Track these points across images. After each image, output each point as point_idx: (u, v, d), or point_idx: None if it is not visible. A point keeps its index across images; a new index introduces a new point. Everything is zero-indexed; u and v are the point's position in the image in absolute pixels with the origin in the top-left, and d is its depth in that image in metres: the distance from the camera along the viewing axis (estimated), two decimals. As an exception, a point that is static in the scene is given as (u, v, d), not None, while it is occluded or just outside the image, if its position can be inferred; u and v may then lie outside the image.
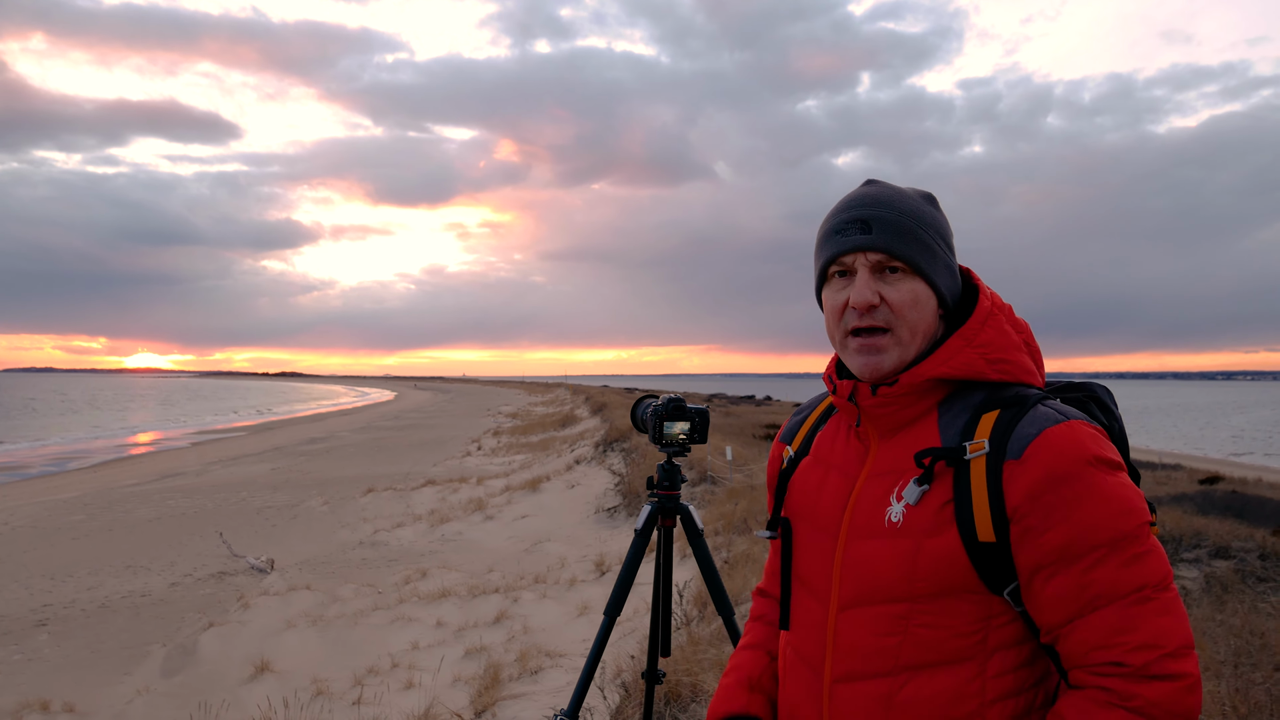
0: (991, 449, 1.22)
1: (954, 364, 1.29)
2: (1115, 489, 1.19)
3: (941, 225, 1.36)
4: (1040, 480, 1.18)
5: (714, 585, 2.78)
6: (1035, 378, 1.33)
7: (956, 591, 1.23)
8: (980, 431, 1.24)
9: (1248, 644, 4.44)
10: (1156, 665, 1.13)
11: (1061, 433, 1.20)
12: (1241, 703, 3.54)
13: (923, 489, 1.25)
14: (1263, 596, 5.84)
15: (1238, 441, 49.58)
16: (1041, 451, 1.19)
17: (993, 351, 1.30)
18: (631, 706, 4.16)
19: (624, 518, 11.72)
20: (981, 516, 1.21)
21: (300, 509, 14.93)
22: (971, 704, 1.22)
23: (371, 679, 6.34)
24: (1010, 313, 1.36)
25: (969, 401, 1.30)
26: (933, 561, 1.23)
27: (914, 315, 1.30)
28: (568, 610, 7.66)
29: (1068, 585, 1.17)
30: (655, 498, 2.81)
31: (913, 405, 1.32)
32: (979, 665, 1.23)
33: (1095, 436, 1.22)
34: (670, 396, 2.76)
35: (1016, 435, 1.21)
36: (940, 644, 1.23)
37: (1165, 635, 1.14)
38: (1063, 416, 1.23)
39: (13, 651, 7.59)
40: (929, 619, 1.24)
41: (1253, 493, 13.42)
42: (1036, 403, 1.25)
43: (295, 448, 27.86)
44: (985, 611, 1.23)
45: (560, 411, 39.42)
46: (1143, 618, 1.15)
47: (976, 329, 1.31)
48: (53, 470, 24.82)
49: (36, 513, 15.28)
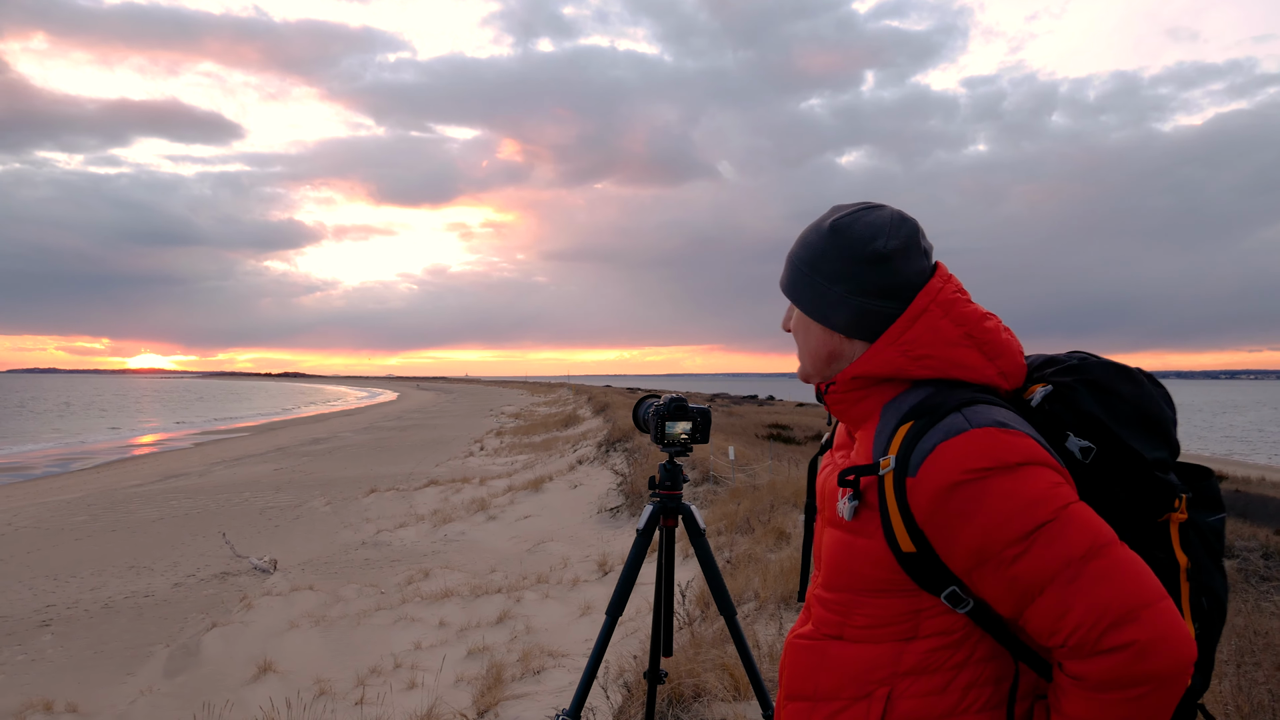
0: (896, 465, 1.26)
1: (874, 363, 1.35)
2: (1011, 488, 1.19)
3: (839, 263, 1.38)
4: (933, 496, 1.22)
5: (716, 585, 2.78)
6: (975, 372, 1.33)
7: (887, 590, 1.31)
8: (893, 446, 1.28)
9: (1251, 643, 4.43)
10: (1100, 640, 1.13)
11: (954, 445, 1.22)
12: (1245, 702, 3.54)
13: (853, 505, 1.32)
14: (1266, 596, 5.83)
15: (1239, 440, 49.49)
16: (931, 468, 1.22)
17: (916, 349, 1.32)
18: (634, 707, 4.16)
19: (626, 518, 11.72)
20: (899, 529, 1.26)
21: (303, 509, 14.95)
22: (884, 671, 1.31)
23: (374, 679, 6.34)
24: (954, 306, 1.34)
25: (904, 405, 1.34)
26: (863, 561, 1.32)
27: (801, 339, 1.48)
28: (570, 610, 7.66)
29: (998, 584, 1.21)
30: (657, 498, 2.81)
31: (860, 403, 1.40)
32: (903, 644, 1.31)
33: (993, 443, 1.21)
34: (672, 396, 2.76)
35: (917, 450, 1.25)
36: (872, 629, 1.33)
37: (1103, 607, 1.14)
38: (967, 425, 1.23)
39: (16, 652, 7.60)
40: (865, 610, 1.33)
41: (1255, 492, 13.41)
42: (950, 411, 1.26)
43: (298, 448, 27.89)
44: (916, 606, 1.30)
45: (563, 412, 39.42)
46: (1076, 595, 1.15)
47: (904, 327, 1.34)
48: (56, 471, 24.86)
49: (40, 513, 15.30)
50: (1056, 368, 1.38)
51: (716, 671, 4.21)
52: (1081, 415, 1.30)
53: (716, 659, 4.33)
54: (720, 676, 4.18)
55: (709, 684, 4.13)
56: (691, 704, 4.07)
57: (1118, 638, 1.12)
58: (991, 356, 1.34)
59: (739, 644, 2.77)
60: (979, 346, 1.34)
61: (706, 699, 4.08)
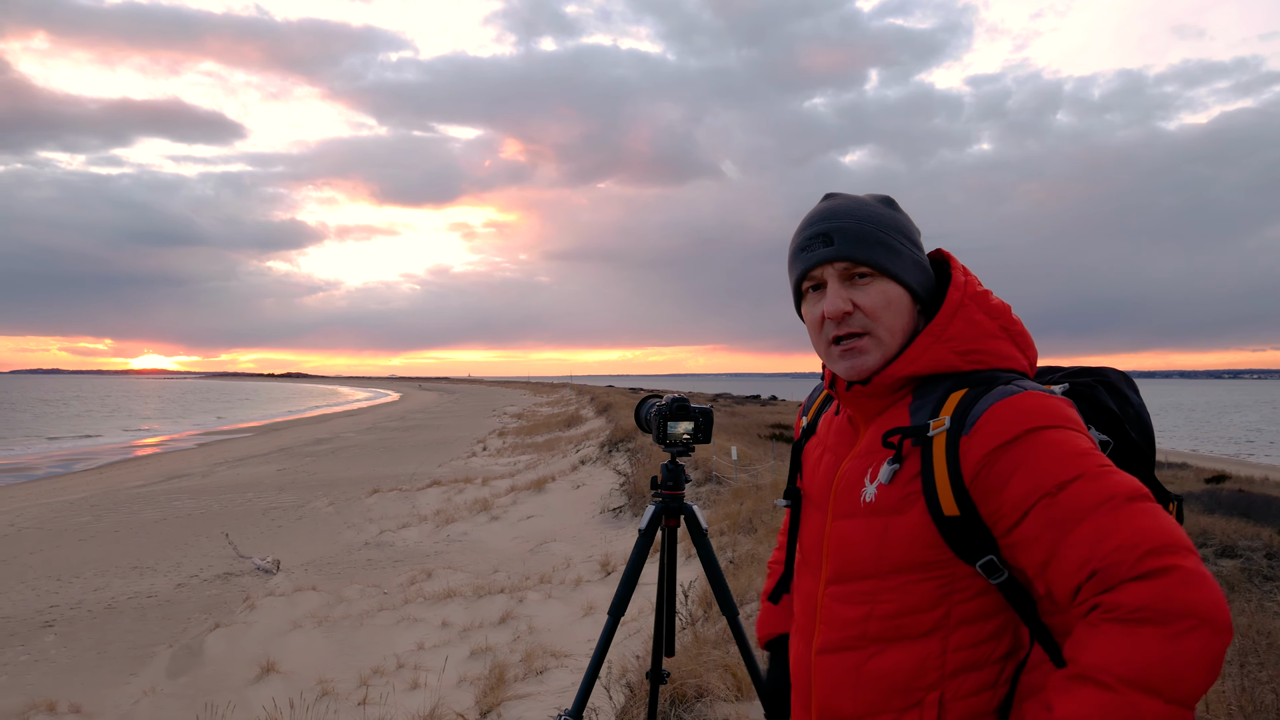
0: (951, 425, 1.25)
1: (923, 361, 1.32)
2: (1059, 438, 1.18)
3: (903, 224, 1.39)
4: (986, 448, 1.21)
5: (718, 585, 2.78)
6: (1014, 362, 1.34)
7: (920, 568, 1.27)
8: (945, 410, 1.28)
9: (1254, 643, 4.42)
10: (1137, 565, 1.06)
11: (1009, 402, 1.22)
12: (1248, 702, 3.53)
13: (894, 468, 1.29)
14: (1269, 596, 5.81)
15: (1241, 441, 49.41)
16: (988, 422, 1.22)
17: (963, 344, 1.32)
18: (636, 707, 4.15)
19: (629, 518, 11.72)
20: (944, 491, 1.24)
21: (306, 510, 14.96)
22: (931, 676, 1.26)
23: (377, 679, 6.34)
24: (985, 299, 1.36)
25: (945, 382, 1.34)
26: (899, 539, 1.28)
27: (889, 316, 1.35)
28: (573, 610, 7.66)
29: (1038, 523, 1.16)
30: (659, 498, 2.81)
31: (888, 395, 1.37)
32: (941, 639, 1.26)
33: (1045, 403, 1.22)
34: (674, 396, 2.76)
35: (973, 412, 1.24)
36: (901, 618, 1.28)
37: (1144, 534, 1.08)
38: (1020, 390, 1.24)
39: (19, 652, 7.62)
40: (892, 594, 1.29)
41: (1259, 492, 13.38)
42: (1002, 382, 1.27)
43: (301, 448, 27.91)
44: (948, 588, 1.26)
45: (565, 412, 39.42)
46: (1118, 522, 1.10)
47: (945, 323, 1.33)
48: (59, 471, 24.89)
49: (43, 514, 15.33)
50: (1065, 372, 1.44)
51: (719, 672, 4.21)
52: (1101, 411, 1.34)
53: (719, 659, 4.33)
54: (723, 677, 4.17)
55: (711, 684, 4.13)
56: (694, 704, 4.06)
57: (1158, 563, 1.05)
58: (1022, 348, 1.37)
59: (741, 644, 2.77)
60: (1012, 338, 1.36)
61: (709, 699, 4.08)
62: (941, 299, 1.38)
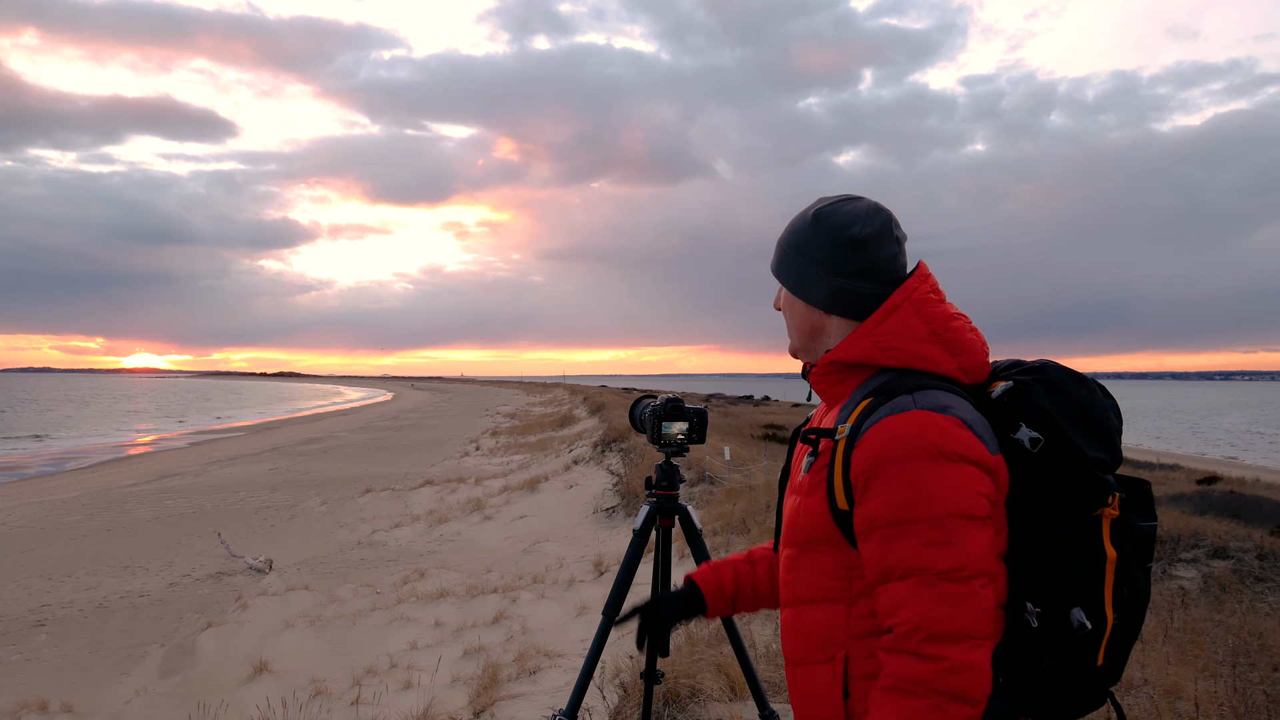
0: (849, 433, 1.43)
1: (851, 351, 1.52)
2: (929, 476, 1.33)
3: (806, 245, 1.58)
4: (866, 462, 1.38)
5: (713, 585, 2.78)
6: (937, 365, 1.48)
7: (824, 542, 1.47)
8: (853, 418, 1.45)
9: (1245, 644, 4.44)
10: (917, 644, 1.28)
11: (895, 420, 1.38)
12: (1239, 702, 3.55)
13: (810, 460, 1.51)
14: (1260, 596, 5.85)
15: (1231, 443, 49.61)
16: (873, 437, 1.38)
17: (886, 340, 1.49)
18: (630, 707, 4.16)
19: (622, 518, 11.72)
20: (839, 487, 1.43)
21: (298, 509, 14.93)
22: (839, 636, 1.45)
23: (370, 679, 6.33)
24: (924, 305, 1.50)
25: (868, 386, 1.51)
26: (807, 517, 1.50)
27: (787, 316, 1.66)
28: (566, 610, 7.65)
29: (872, 552, 1.37)
30: (654, 498, 2.81)
31: (838, 385, 1.56)
32: (845, 607, 1.45)
33: (930, 426, 1.36)
34: (668, 396, 2.76)
35: (868, 422, 1.41)
36: (814, 584, 1.49)
37: (934, 619, 1.28)
38: (913, 405, 1.39)
39: (11, 652, 7.58)
40: (807, 562, 1.51)
41: (1250, 493, 13.44)
42: (903, 392, 1.42)
43: (293, 448, 27.84)
44: (847, 563, 1.45)
45: (558, 411, 39.41)
46: (918, 599, 1.30)
47: (878, 321, 1.50)
48: (50, 470, 24.80)
49: (34, 513, 15.26)
50: (1019, 369, 1.53)
51: (713, 672, 4.22)
52: (1034, 409, 1.43)
53: (713, 659, 4.34)
54: (716, 677, 4.18)
55: (705, 684, 4.14)
56: (688, 704, 4.07)
57: (936, 650, 1.27)
58: (954, 353, 1.50)
59: (735, 644, 2.77)
60: (944, 343, 1.49)
61: (703, 699, 4.09)
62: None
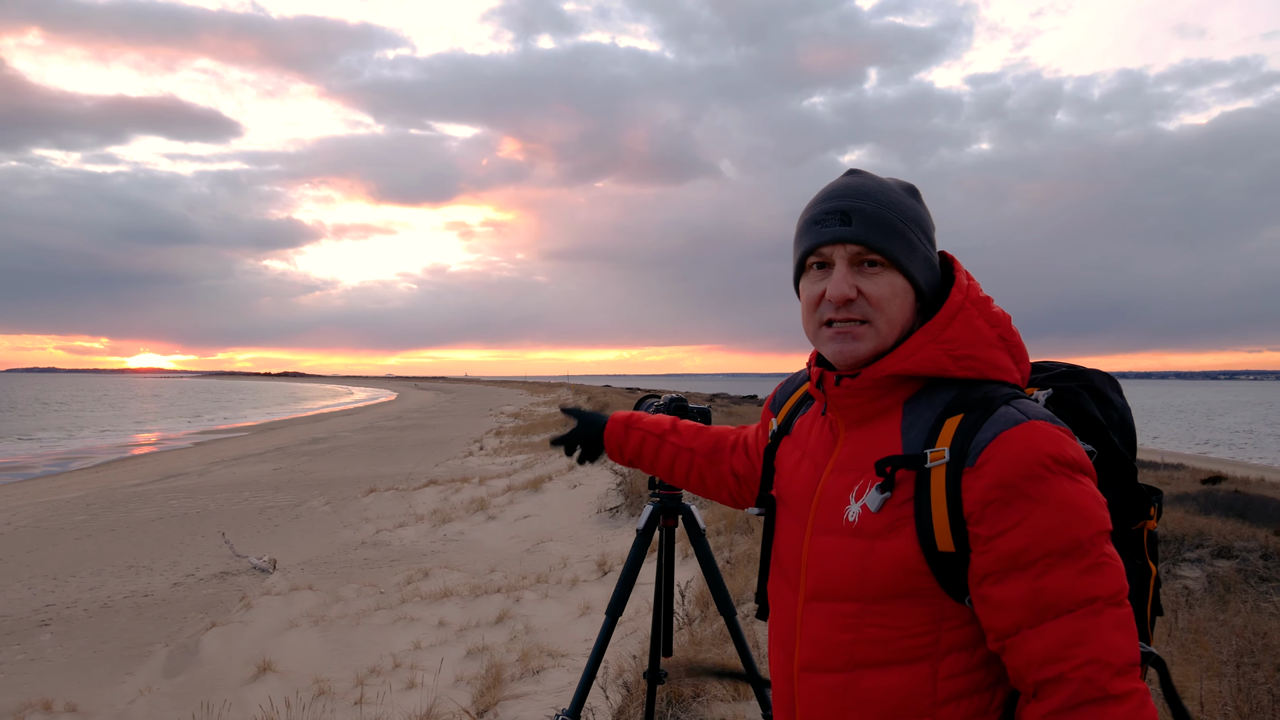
0: (951, 457, 1.19)
1: (916, 360, 1.26)
2: (1072, 494, 1.15)
3: (922, 218, 1.33)
4: (992, 485, 1.16)
5: (716, 585, 2.78)
6: (1008, 374, 1.29)
7: (907, 595, 1.22)
8: (942, 438, 1.22)
9: (1250, 644, 4.43)
10: (1107, 683, 1.10)
11: (1018, 435, 1.17)
12: (1244, 702, 3.54)
13: (884, 496, 1.24)
14: (1265, 596, 5.83)
15: (1237, 441, 49.50)
16: (996, 456, 1.17)
17: (959, 348, 1.26)
18: (633, 707, 4.15)
19: (626, 518, 11.72)
20: (940, 526, 1.19)
21: (302, 509, 14.94)
22: (923, 704, 1.22)
23: (373, 679, 6.34)
24: (986, 305, 1.31)
25: (936, 400, 1.28)
26: (884, 565, 1.23)
27: (892, 309, 1.29)
28: (570, 610, 7.66)
29: (1018, 592, 1.15)
30: (657, 497, 2.81)
31: (877, 400, 1.30)
32: (931, 666, 1.22)
33: (1056, 437, 1.18)
34: (672, 396, 2.76)
35: (976, 441, 1.19)
36: (890, 644, 1.23)
37: (1115, 651, 1.12)
38: (1025, 417, 1.19)
39: (15, 651, 7.60)
40: (879, 619, 1.24)
41: (1255, 492, 13.40)
42: (1002, 403, 1.21)
43: (297, 448, 27.87)
44: (938, 614, 1.22)
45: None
46: (1095, 631, 1.12)
47: (943, 324, 1.28)
48: (55, 470, 24.85)
49: (39, 513, 15.30)
50: (1050, 374, 1.38)
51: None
52: (1085, 419, 1.29)
53: (716, 659, 4.33)
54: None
55: (709, 684, 4.13)
56: (691, 704, 4.07)
57: (1124, 685, 1.11)
58: (1018, 360, 1.32)
59: (739, 644, 2.77)
60: (1009, 349, 1.31)
61: (706, 699, 4.08)
62: (942, 300, 1.33)
